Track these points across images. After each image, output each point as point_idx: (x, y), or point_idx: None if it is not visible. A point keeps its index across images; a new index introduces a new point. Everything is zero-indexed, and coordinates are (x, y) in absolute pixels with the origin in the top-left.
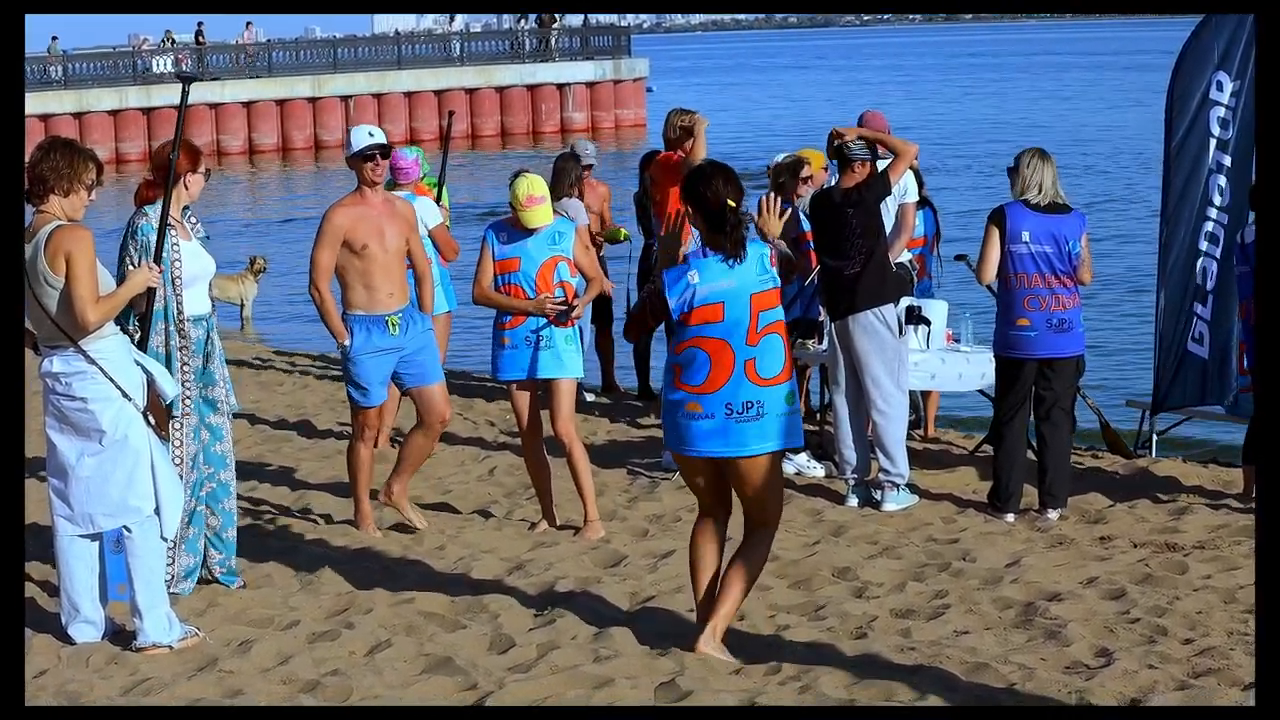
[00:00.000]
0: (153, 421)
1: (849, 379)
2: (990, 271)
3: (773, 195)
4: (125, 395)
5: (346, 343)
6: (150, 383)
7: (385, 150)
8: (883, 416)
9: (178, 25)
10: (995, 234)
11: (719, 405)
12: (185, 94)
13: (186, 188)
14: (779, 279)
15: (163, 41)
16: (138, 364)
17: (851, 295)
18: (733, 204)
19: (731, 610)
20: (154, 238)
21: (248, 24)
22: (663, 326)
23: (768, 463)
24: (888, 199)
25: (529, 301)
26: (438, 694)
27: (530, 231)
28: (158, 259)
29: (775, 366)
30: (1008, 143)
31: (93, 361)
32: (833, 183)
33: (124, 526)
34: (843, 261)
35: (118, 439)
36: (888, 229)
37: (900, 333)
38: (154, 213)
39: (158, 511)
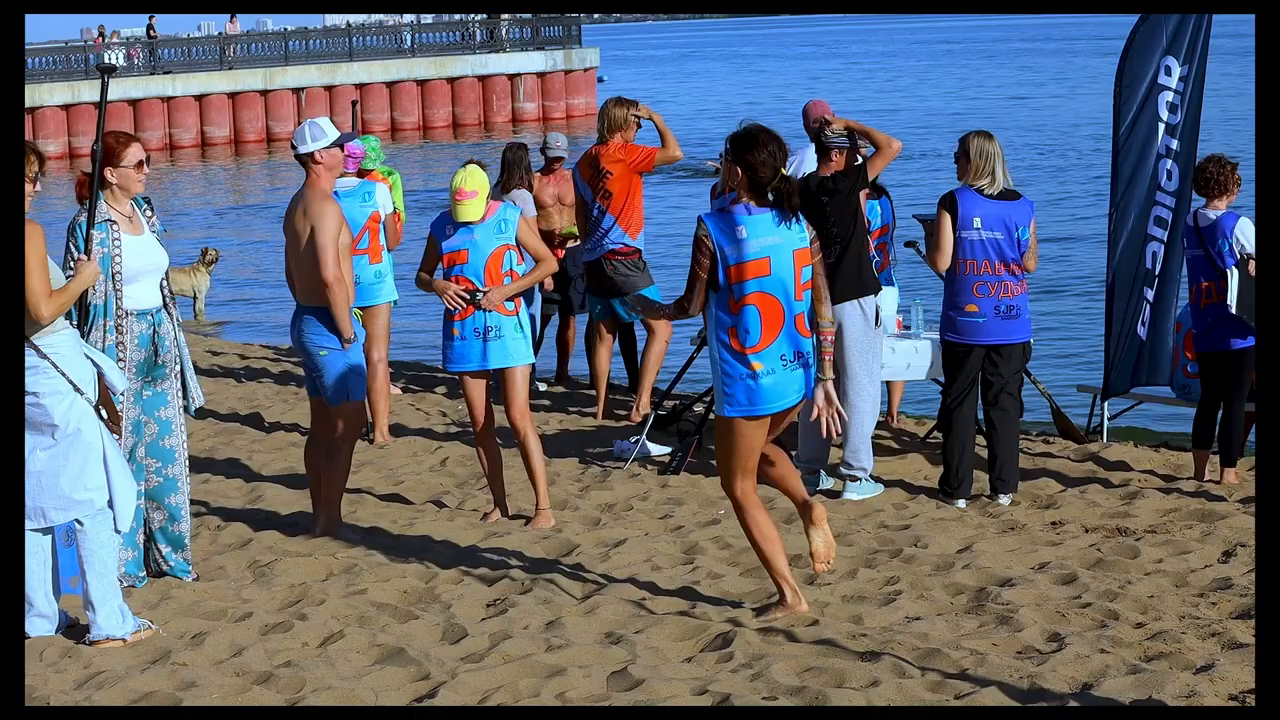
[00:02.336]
0: (104, 415)
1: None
2: (945, 258)
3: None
4: (77, 389)
5: (353, 336)
6: (100, 376)
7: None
8: (854, 409)
9: (182, 24)
10: (947, 219)
11: (775, 359)
12: (105, 85)
13: (111, 180)
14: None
15: (99, 38)
16: (88, 358)
17: (829, 285)
18: (785, 171)
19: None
20: (91, 232)
21: (232, 17)
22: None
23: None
24: None
25: (438, 283)
26: (390, 684)
27: (476, 221)
28: (87, 252)
29: (808, 320)
30: (958, 131)
31: (44, 356)
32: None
33: (76, 520)
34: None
35: (70, 433)
36: None
37: (877, 323)
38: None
39: (110, 505)
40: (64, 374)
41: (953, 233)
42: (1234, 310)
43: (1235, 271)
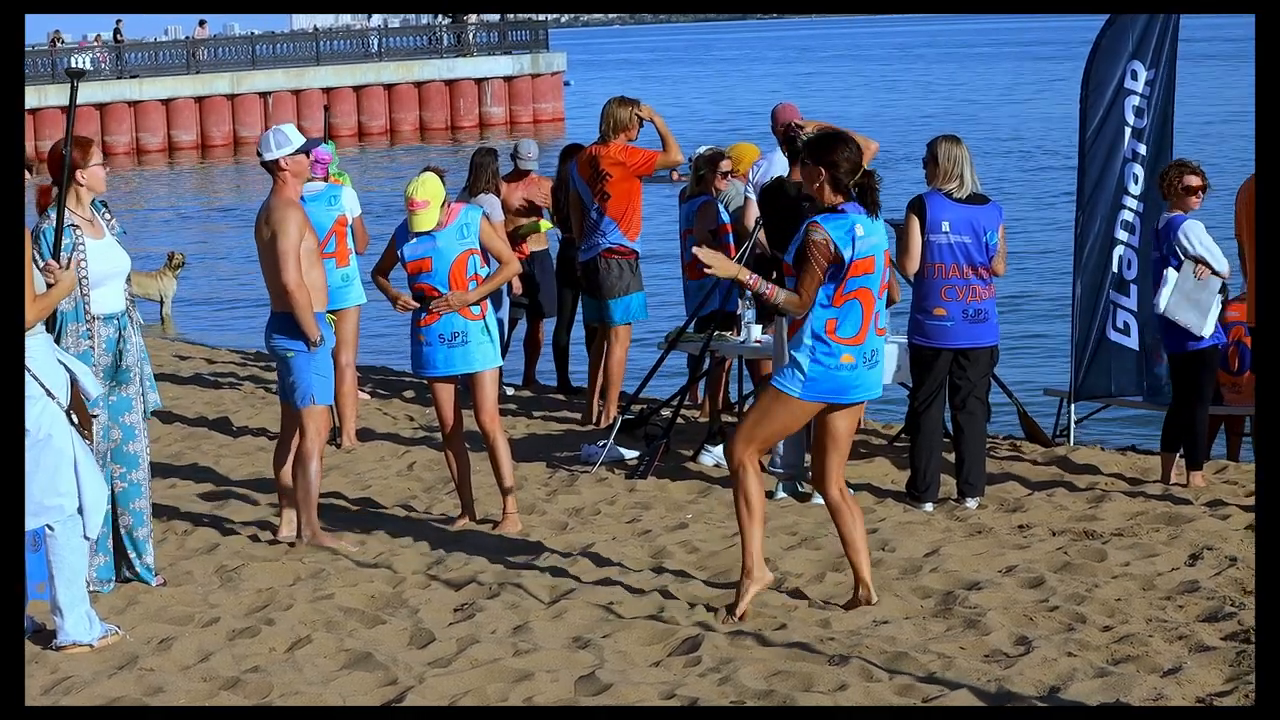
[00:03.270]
0: (75, 420)
1: None
2: (914, 262)
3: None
4: (49, 394)
5: (318, 339)
6: (73, 382)
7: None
8: None
9: (149, 28)
10: (915, 223)
11: (862, 355)
12: (74, 90)
13: (81, 183)
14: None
15: (52, 44)
16: (61, 363)
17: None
18: (869, 169)
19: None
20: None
21: (201, 22)
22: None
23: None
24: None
25: (392, 294)
26: (358, 689)
27: (437, 229)
28: (55, 256)
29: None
30: (926, 135)
31: None
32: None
33: (46, 525)
34: None
35: (41, 438)
36: None
37: None
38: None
39: (80, 511)
40: (36, 378)
41: (921, 236)
42: (1160, 310)
43: (1173, 273)
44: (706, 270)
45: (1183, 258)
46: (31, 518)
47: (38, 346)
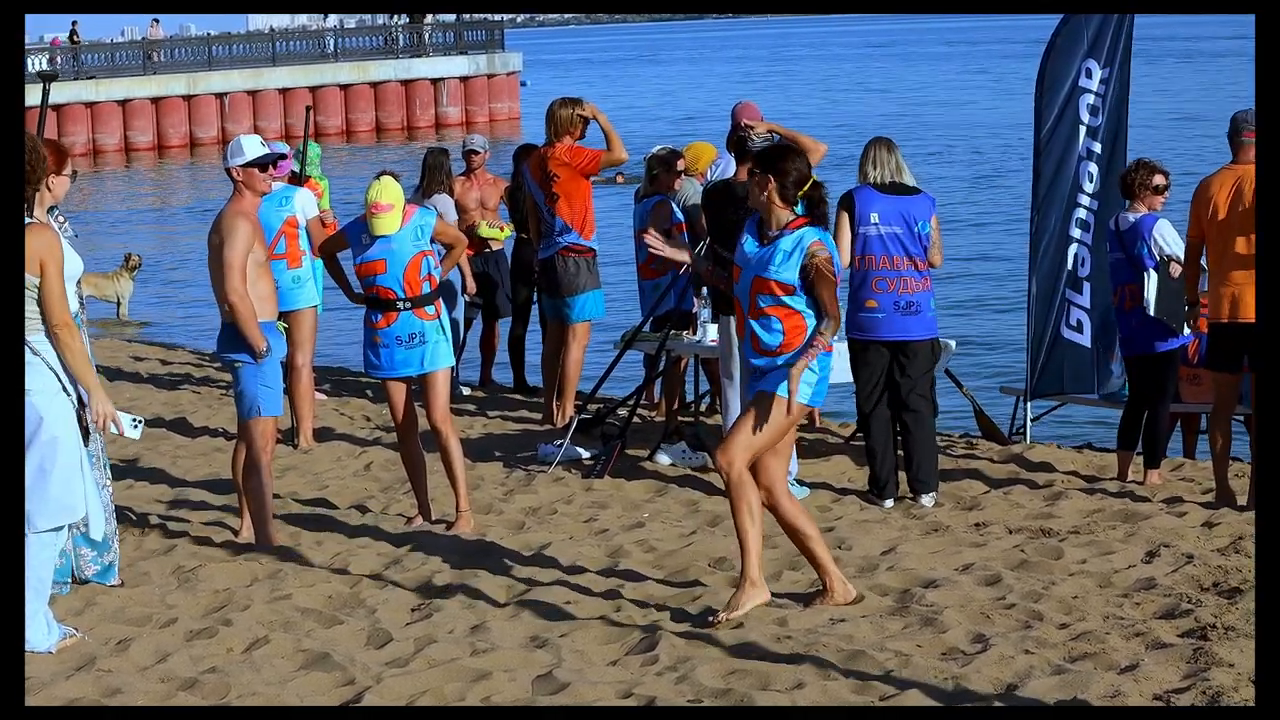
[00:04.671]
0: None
1: (743, 372)
2: (844, 257)
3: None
4: (65, 389)
5: (265, 349)
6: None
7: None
8: None
9: (106, 29)
10: (845, 218)
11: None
12: (46, 93)
13: (50, 189)
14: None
15: None
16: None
17: None
18: (818, 181)
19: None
20: None
21: (155, 20)
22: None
23: None
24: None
25: (351, 293)
26: (315, 689)
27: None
28: None
29: None
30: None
31: (36, 353)
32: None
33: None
34: None
35: (55, 434)
36: None
37: None
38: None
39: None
40: (55, 372)
41: (851, 230)
42: (1152, 313)
43: (1154, 274)
44: (653, 251)
45: (1159, 258)
46: (49, 517)
47: (46, 343)
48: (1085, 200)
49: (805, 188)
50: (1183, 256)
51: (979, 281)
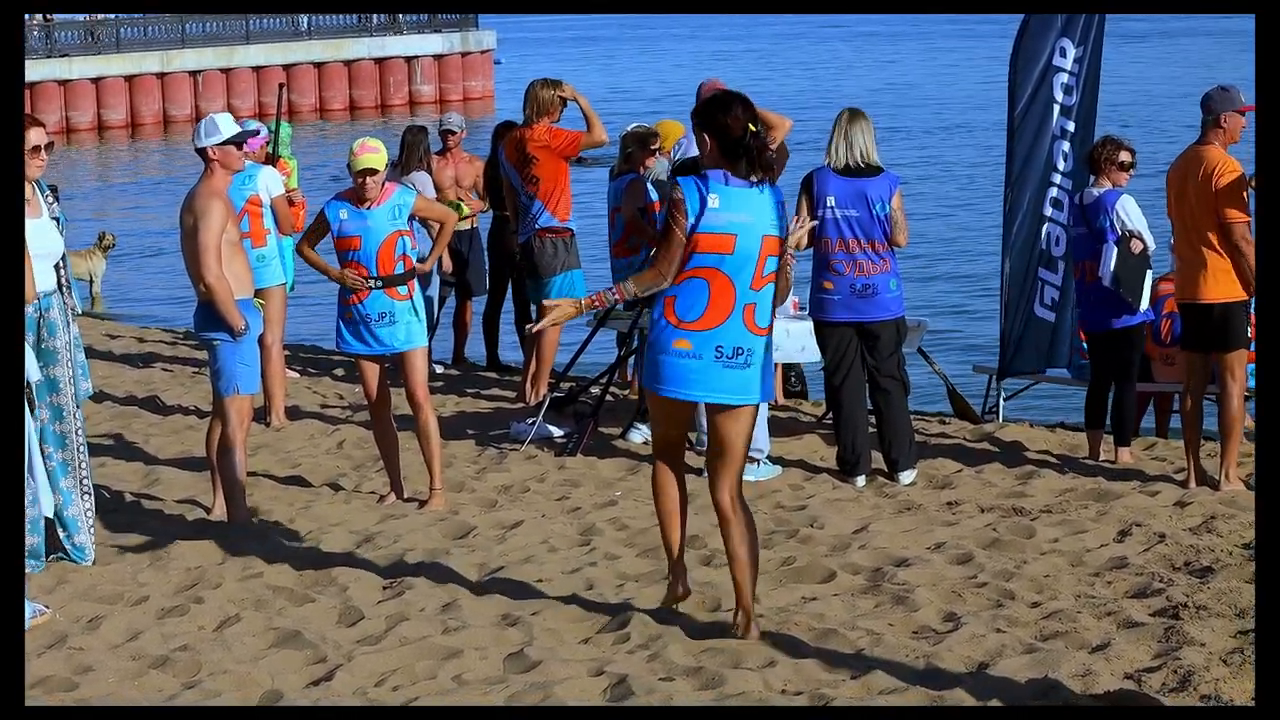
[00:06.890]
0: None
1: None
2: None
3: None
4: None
5: (243, 328)
6: None
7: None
8: None
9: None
10: (804, 202)
11: (709, 346)
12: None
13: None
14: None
15: None
16: None
17: None
18: (754, 128)
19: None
20: None
21: None
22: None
23: (750, 413)
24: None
25: (334, 270)
26: (287, 667)
27: (369, 207)
28: None
29: (768, 317)
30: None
31: None
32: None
33: None
34: None
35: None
36: None
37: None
38: None
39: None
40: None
41: (809, 213)
42: (1106, 283)
43: (1114, 246)
44: (548, 321)
45: (1119, 231)
46: None
47: None
48: (1058, 179)
49: (745, 138)
50: (1146, 233)
51: (953, 260)
